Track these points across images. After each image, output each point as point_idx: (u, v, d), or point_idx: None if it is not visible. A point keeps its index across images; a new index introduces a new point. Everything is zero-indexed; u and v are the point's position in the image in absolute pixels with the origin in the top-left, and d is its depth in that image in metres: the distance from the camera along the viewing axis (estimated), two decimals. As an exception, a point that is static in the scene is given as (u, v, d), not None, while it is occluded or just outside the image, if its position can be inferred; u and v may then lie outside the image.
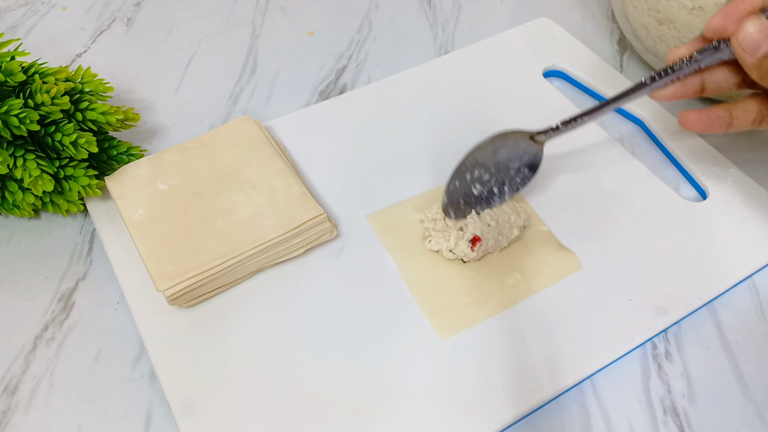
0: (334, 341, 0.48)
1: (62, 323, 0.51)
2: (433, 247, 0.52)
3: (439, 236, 0.52)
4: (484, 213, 0.51)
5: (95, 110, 0.53)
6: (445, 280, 0.51)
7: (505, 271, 0.51)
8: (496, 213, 0.51)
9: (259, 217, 0.51)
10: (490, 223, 0.51)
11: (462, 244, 0.50)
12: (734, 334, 0.50)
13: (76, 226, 0.57)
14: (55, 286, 0.53)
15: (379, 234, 0.54)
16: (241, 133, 0.57)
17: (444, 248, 0.51)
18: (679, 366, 0.49)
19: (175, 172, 0.54)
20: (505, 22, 0.75)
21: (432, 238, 0.52)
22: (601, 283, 0.51)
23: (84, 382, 0.48)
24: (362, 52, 0.72)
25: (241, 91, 0.68)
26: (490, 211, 0.51)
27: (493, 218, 0.51)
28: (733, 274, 0.51)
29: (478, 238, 0.50)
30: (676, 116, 0.55)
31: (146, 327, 0.49)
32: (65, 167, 0.52)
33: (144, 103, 0.67)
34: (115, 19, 0.76)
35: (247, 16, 0.77)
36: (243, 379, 0.46)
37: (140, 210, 0.52)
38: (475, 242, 0.50)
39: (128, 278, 0.51)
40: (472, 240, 0.50)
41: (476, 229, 0.50)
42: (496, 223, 0.51)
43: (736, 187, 0.57)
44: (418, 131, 0.61)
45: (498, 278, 0.51)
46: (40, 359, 0.49)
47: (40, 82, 0.51)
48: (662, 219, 0.54)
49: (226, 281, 0.50)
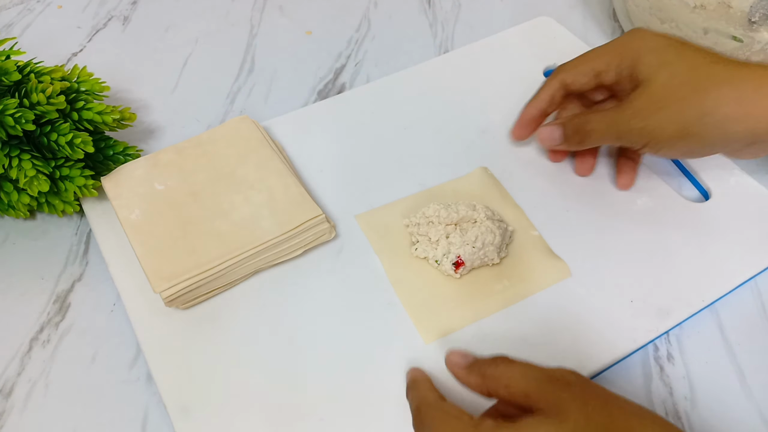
0: (332, 343, 0.48)
1: (58, 325, 0.51)
2: (420, 255, 0.52)
3: (425, 244, 0.52)
4: (469, 233, 0.51)
5: (91, 110, 0.54)
6: (431, 284, 0.51)
7: (492, 277, 0.51)
8: (483, 233, 0.50)
9: (256, 217, 0.51)
10: (474, 245, 0.50)
11: (446, 262, 0.50)
12: (737, 335, 0.51)
13: (72, 227, 0.57)
14: (51, 287, 0.54)
15: (367, 235, 0.54)
16: (239, 132, 0.57)
17: (430, 256, 0.51)
18: (681, 368, 0.49)
19: (172, 172, 0.54)
20: (505, 20, 0.76)
21: (419, 246, 0.52)
22: (602, 285, 0.51)
23: (80, 385, 0.48)
24: (361, 51, 0.73)
25: (238, 90, 0.69)
26: (477, 232, 0.51)
27: (479, 239, 0.50)
28: (736, 275, 0.52)
29: (462, 262, 0.50)
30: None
31: (143, 329, 0.49)
32: (61, 167, 0.52)
33: (140, 102, 0.67)
34: (111, 17, 0.77)
35: (245, 15, 0.77)
36: (240, 381, 0.47)
37: (137, 210, 0.52)
38: (459, 266, 0.50)
39: (125, 279, 0.51)
40: (456, 263, 0.50)
41: (460, 250, 0.50)
42: (482, 244, 0.50)
43: (739, 187, 0.57)
44: (418, 131, 0.62)
45: (485, 284, 0.51)
46: (36, 361, 0.50)
47: (35, 82, 0.51)
48: (664, 220, 0.55)
49: (223, 282, 0.50)
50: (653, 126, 0.48)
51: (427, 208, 0.52)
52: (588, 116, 0.52)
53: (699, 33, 0.58)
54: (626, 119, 0.49)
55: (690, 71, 0.47)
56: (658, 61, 0.49)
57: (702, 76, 0.47)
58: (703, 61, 0.47)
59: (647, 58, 0.49)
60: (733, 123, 0.46)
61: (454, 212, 0.51)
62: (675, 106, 0.47)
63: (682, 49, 0.49)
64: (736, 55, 0.58)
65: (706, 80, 0.47)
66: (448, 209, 0.52)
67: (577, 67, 0.54)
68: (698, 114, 0.46)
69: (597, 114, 0.51)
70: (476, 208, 0.52)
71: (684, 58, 0.48)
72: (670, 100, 0.47)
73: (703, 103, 0.46)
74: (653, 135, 0.48)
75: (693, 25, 0.58)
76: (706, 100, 0.46)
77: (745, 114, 0.45)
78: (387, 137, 0.61)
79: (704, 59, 0.48)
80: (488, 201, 0.55)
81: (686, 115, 0.47)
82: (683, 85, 0.47)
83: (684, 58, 0.48)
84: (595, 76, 0.53)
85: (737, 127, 0.46)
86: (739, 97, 0.45)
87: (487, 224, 0.51)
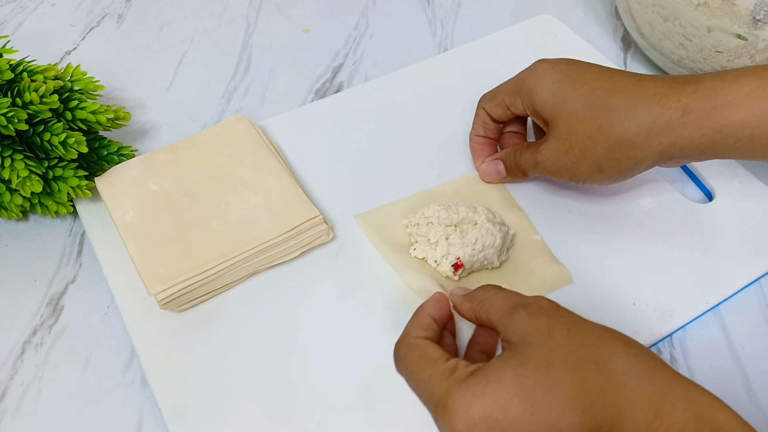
0: (330, 346, 0.48)
1: (51, 328, 0.51)
2: (419, 255, 0.52)
3: (425, 244, 0.52)
4: (469, 235, 0.51)
5: (85, 109, 0.54)
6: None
7: (492, 281, 0.51)
8: (483, 236, 0.50)
9: (253, 218, 0.51)
10: (474, 247, 0.50)
11: (445, 263, 0.50)
12: (741, 339, 0.50)
13: (66, 228, 0.57)
14: (44, 289, 0.53)
15: (367, 235, 0.54)
16: (235, 132, 0.57)
17: (429, 257, 0.51)
18: (684, 372, 0.49)
19: (167, 172, 0.54)
20: (505, 18, 0.75)
21: (417, 246, 0.52)
22: (604, 287, 0.51)
23: (73, 389, 0.48)
24: (359, 50, 0.73)
25: (234, 89, 0.69)
26: (477, 234, 0.50)
27: (479, 241, 0.50)
28: (740, 277, 0.51)
29: (461, 264, 0.50)
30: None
31: (137, 331, 0.49)
32: (54, 168, 0.52)
33: (135, 101, 0.67)
34: (105, 15, 0.76)
35: (241, 13, 0.77)
36: (236, 385, 0.47)
37: (131, 211, 0.52)
38: (458, 268, 0.50)
39: (119, 281, 0.51)
40: (455, 265, 0.50)
41: (460, 251, 0.50)
42: (482, 247, 0.50)
43: (743, 188, 0.57)
44: (417, 131, 0.61)
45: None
46: (29, 365, 0.49)
47: (28, 81, 0.51)
48: (667, 221, 0.55)
49: (219, 285, 0.50)
50: (568, 166, 0.49)
51: (426, 209, 0.52)
52: (520, 153, 0.53)
53: (702, 31, 0.58)
54: (545, 160, 0.50)
55: (587, 107, 0.48)
56: (554, 101, 0.49)
57: (600, 110, 0.47)
58: (600, 92, 0.48)
59: (543, 98, 0.50)
60: (640, 150, 0.46)
61: (455, 213, 0.51)
62: (581, 147, 0.48)
63: (577, 84, 0.49)
64: (740, 53, 0.58)
65: (604, 114, 0.47)
66: (448, 210, 0.51)
67: (492, 98, 0.55)
68: (605, 150, 0.47)
69: (526, 152, 0.53)
70: (477, 210, 0.52)
71: (579, 94, 0.48)
72: (575, 141, 0.48)
73: (607, 140, 0.47)
74: (572, 173, 0.50)
75: (696, 22, 0.58)
76: (609, 136, 0.47)
77: (648, 139, 0.46)
78: (385, 137, 0.61)
79: (602, 89, 0.48)
80: (489, 203, 0.55)
81: (595, 153, 0.48)
82: (583, 123, 0.48)
83: (579, 93, 0.48)
84: (507, 109, 0.54)
85: (647, 152, 0.47)
86: (639, 125, 0.46)
87: (488, 227, 0.51)
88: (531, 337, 0.37)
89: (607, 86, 0.48)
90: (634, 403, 0.34)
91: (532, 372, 0.35)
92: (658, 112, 0.45)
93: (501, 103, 0.54)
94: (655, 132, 0.46)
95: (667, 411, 0.33)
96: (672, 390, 0.34)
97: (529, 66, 0.53)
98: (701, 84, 0.45)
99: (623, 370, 0.35)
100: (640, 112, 0.46)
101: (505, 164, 0.55)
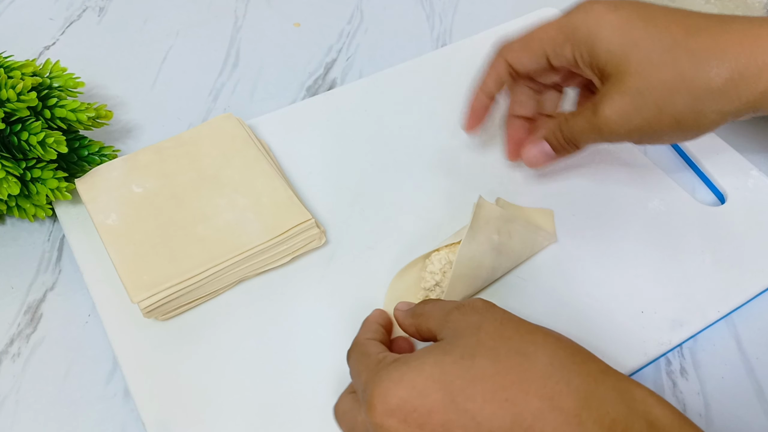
0: (322, 356, 0.48)
1: (29, 337, 0.51)
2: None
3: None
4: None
5: (65, 107, 0.54)
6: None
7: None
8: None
9: (242, 222, 0.51)
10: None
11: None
12: (755, 349, 0.50)
13: (44, 233, 0.57)
14: (22, 297, 0.53)
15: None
16: (223, 132, 0.57)
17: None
18: (695, 383, 0.49)
19: (151, 174, 0.54)
20: (506, 12, 0.76)
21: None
22: (611, 294, 0.51)
23: (53, 401, 0.48)
24: (353, 45, 0.73)
25: (222, 86, 0.69)
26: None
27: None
28: (754, 284, 0.52)
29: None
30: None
31: (120, 341, 0.49)
32: (32, 169, 0.52)
33: (117, 99, 0.67)
34: (86, 8, 0.76)
35: (229, 6, 0.77)
36: (224, 397, 0.46)
37: (113, 215, 0.52)
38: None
39: (100, 289, 0.51)
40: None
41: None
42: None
43: (756, 190, 0.57)
44: (414, 130, 0.62)
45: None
46: (6, 376, 0.49)
47: (5, 77, 0.51)
48: (677, 225, 0.55)
49: (206, 292, 0.50)
50: (642, 125, 0.45)
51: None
52: (569, 122, 0.49)
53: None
54: (611, 122, 0.46)
55: (666, 53, 0.43)
56: (623, 45, 0.45)
57: (683, 56, 0.43)
58: (679, 34, 0.43)
59: (608, 42, 0.45)
60: (729, 101, 0.43)
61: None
62: (658, 101, 0.44)
63: (650, 23, 0.44)
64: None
65: (688, 61, 0.43)
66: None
67: (525, 47, 0.50)
68: (689, 104, 0.43)
69: (578, 119, 0.48)
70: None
71: (654, 36, 0.44)
72: (652, 94, 0.44)
73: (690, 90, 0.43)
74: (644, 133, 0.46)
75: (707, 17, 0.58)
76: (693, 85, 0.43)
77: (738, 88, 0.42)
78: (381, 137, 0.61)
79: (680, 30, 0.44)
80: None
81: (675, 107, 0.44)
82: (660, 71, 0.43)
83: (653, 35, 0.44)
84: (545, 60, 0.49)
85: (736, 104, 0.43)
86: (731, 71, 0.42)
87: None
88: (461, 332, 0.38)
89: (687, 25, 0.44)
90: (561, 394, 0.34)
91: (455, 361, 0.36)
92: (751, 55, 0.41)
93: (538, 53, 0.49)
94: (748, 79, 0.42)
95: (596, 402, 0.34)
96: (602, 382, 0.35)
97: (575, 7, 0.47)
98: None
99: (549, 362, 0.35)
100: (730, 54, 0.42)
101: (549, 142, 0.51)
